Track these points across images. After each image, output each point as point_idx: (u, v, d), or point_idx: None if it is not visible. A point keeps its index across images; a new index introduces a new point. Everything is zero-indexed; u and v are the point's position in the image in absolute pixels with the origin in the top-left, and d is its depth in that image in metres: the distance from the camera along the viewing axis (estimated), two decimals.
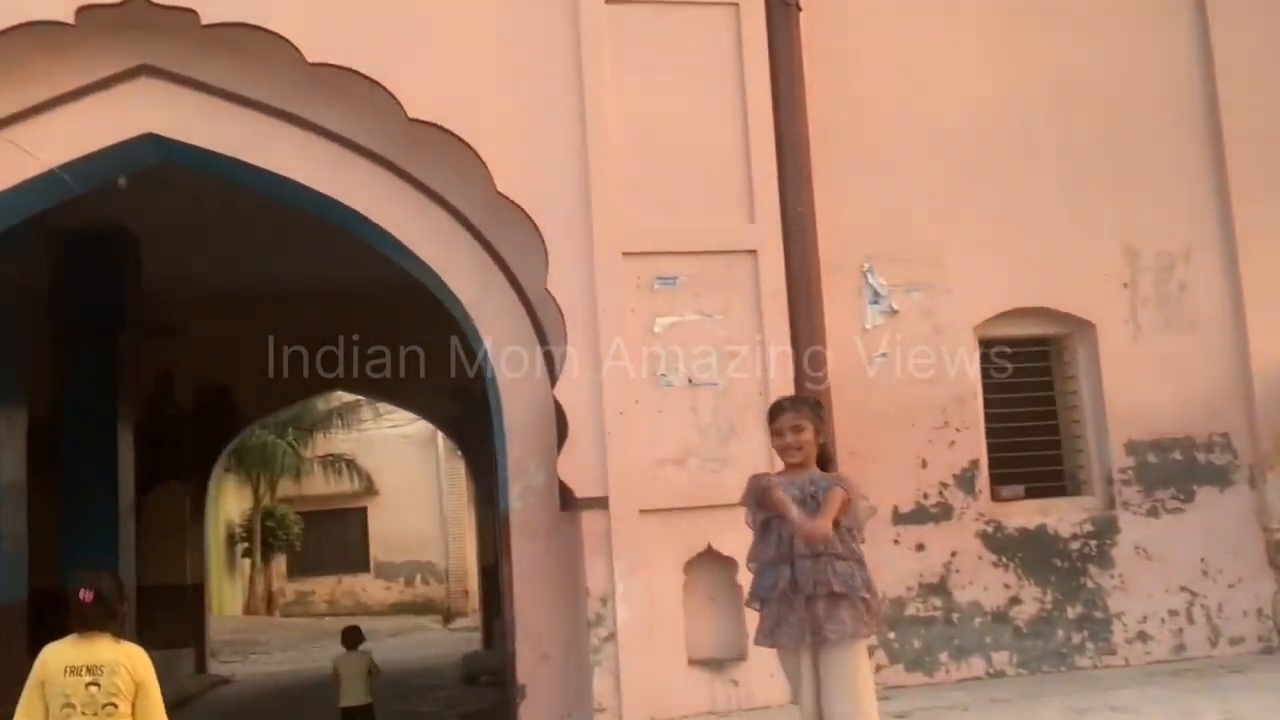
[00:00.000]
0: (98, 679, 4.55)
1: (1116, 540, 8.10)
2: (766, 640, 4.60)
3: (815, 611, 4.45)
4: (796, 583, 4.47)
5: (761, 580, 4.64)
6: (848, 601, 4.48)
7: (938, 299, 7.99)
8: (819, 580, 4.47)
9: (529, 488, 7.24)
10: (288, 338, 15.70)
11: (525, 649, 7.09)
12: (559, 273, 7.07)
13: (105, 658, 4.56)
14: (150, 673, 4.62)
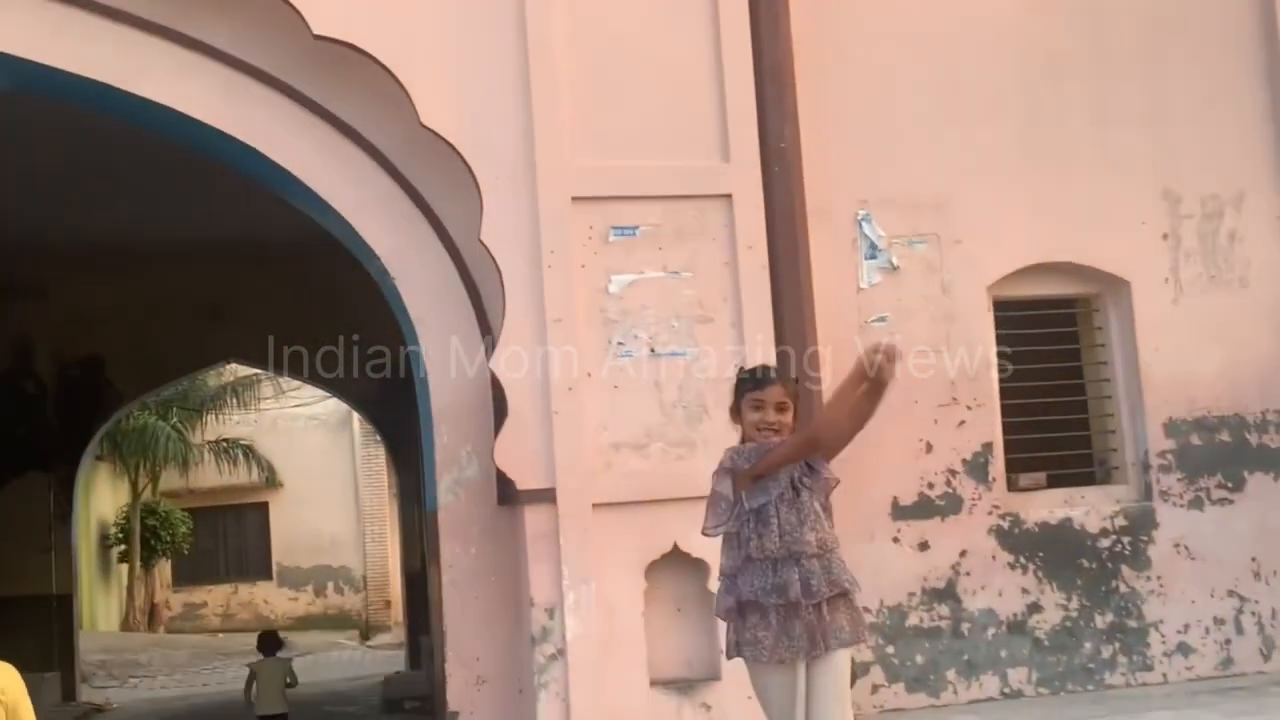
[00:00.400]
0: None
1: (1154, 536, 8.19)
2: (769, 656, 4.43)
3: (823, 616, 4.45)
4: (810, 586, 4.44)
5: (751, 582, 4.48)
6: (846, 601, 4.52)
7: (945, 253, 8.01)
8: (832, 580, 4.49)
9: (461, 479, 7.22)
10: (173, 301, 15.58)
11: (457, 670, 7.09)
12: (496, 221, 7.02)
13: None
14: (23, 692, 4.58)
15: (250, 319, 16.11)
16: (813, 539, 4.49)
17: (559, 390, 6.94)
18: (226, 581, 29.23)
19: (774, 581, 4.46)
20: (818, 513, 4.56)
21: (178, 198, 12.58)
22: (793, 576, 4.44)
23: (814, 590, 4.44)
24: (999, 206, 8.14)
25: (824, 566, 4.49)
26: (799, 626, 4.42)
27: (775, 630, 4.44)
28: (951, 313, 8.01)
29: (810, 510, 4.54)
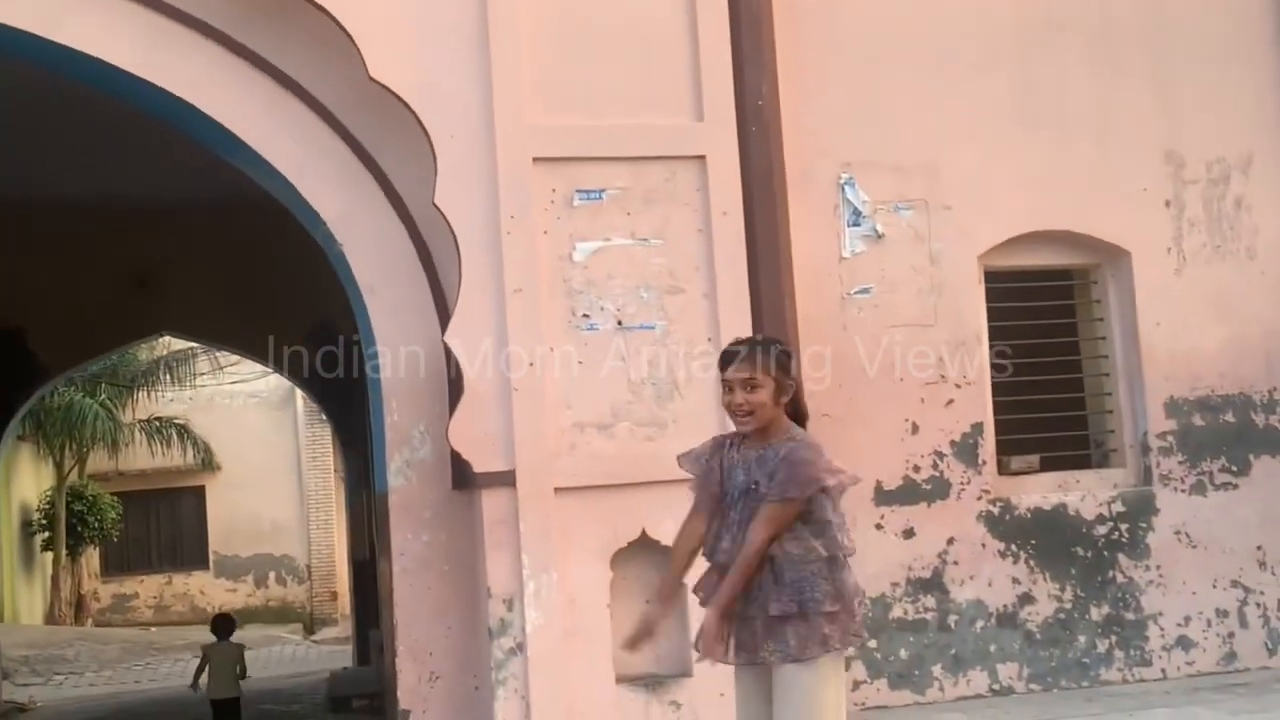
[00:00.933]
0: None
1: (1152, 523, 8.26)
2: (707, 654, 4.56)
3: (752, 629, 4.42)
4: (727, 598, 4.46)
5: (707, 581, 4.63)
6: (797, 620, 4.40)
7: (934, 220, 8.04)
8: (755, 600, 4.42)
9: (413, 461, 7.21)
10: (103, 267, 15.47)
11: (409, 665, 7.08)
12: (451, 184, 6.99)
13: None
14: None
15: (186, 288, 16.02)
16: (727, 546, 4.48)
17: (519, 366, 6.93)
18: (159, 571, 29.13)
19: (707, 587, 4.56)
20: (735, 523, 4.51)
21: (107, 155, 12.47)
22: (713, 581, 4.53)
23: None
24: (991, 171, 8.16)
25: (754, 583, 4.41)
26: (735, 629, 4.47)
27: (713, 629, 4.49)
28: (940, 284, 8.03)
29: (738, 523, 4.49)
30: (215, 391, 28.04)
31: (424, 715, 7.06)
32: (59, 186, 13.63)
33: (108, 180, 13.45)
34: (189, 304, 16.34)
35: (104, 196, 13.94)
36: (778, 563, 4.41)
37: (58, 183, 13.54)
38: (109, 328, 16.67)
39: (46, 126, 11.76)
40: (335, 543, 27.86)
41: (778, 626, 4.37)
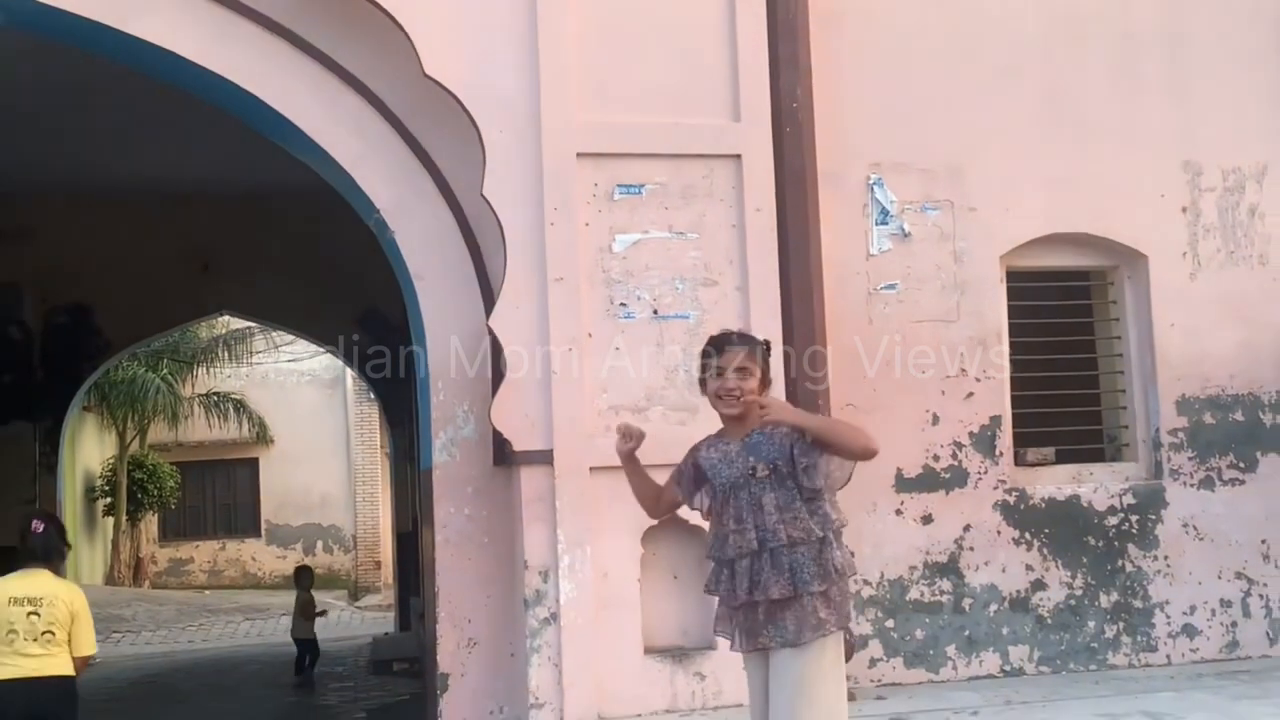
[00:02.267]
0: (38, 609, 6.34)
1: (1162, 516, 8.23)
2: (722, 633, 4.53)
3: (755, 615, 4.32)
4: (733, 589, 4.36)
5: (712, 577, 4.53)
6: (796, 603, 4.28)
7: (959, 220, 8.02)
8: (755, 584, 4.30)
9: (456, 439, 7.25)
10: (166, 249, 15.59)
11: (449, 632, 7.14)
12: (498, 176, 7.03)
13: (45, 591, 6.37)
14: (84, 605, 6.50)
15: (245, 271, 16.14)
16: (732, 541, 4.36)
17: (559, 351, 6.96)
18: (214, 538, 29.37)
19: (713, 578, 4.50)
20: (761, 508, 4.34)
21: (173, 142, 12.58)
22: (723, 575, 4.42)
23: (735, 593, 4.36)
24: (1015, 174, 8.14)
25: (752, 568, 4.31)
26: (724, 613, 4.45)
27: (719, 612, 4.49)
28: (963, 282, 8.02)
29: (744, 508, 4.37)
30: (270, 369, 28.20)
31: (462, 679, 7.12)
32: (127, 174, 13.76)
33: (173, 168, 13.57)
34: (248, 286, 16.47)
35: (169, 183, 14.06)
36: (775, 546, 4.30)
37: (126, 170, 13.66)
38: (171, 306, 16.83)
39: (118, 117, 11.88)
40: (380, 515, 27.98)
41: (778, 611, 4.28)
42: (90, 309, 16.41)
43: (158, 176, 13.91)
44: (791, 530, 4.30)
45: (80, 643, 6.42)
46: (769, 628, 4.28)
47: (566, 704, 6.80)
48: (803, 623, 4.26)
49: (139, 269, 15.62)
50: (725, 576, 4.39)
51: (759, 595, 4.28)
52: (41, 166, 13.35)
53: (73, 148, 12.94)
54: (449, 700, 7.10)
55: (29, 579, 6.41)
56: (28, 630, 6.29)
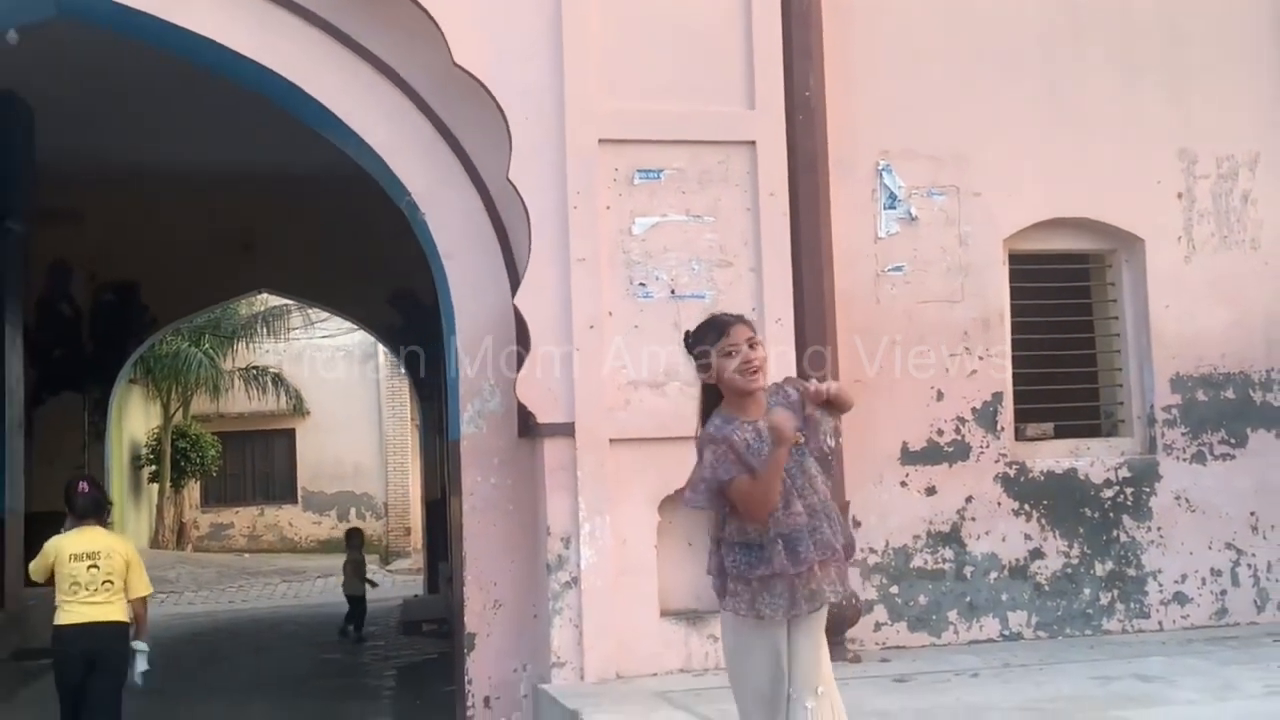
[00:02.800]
0: (97, 562, 7.04)
1: (1155, 489, 8.22)
2: (749, 611, 4.23)
3: (812, 575, 4.21)
4: (798, 554, 4.17)
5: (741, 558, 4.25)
6: (837, 559, 4.28)
7: (964, 205, 8.00)
8: (821, 543, 4.21)
9: (483, 411, 7.28)
10: (207, 228, 15.64)
11: (475, 594, 7.18)
12: (524, 161, 7.04)
13: (102, 545, 7.10)
14: (136, 554, 7.27)
15: (284, 251, 16.19)
16: (802, 510, 4.20)
17: (581, 328, 6.98)
18: (253, 504, 29.49)
19: (757, 556, 4.22)
20: (808, 473, 4.26)
21: (216, 127, 12.60)
22: (777, 548, 4.19)
23: (802, 557, 4.18)
24: (1018, 161, 8.11)
25: (812, 529, 4.21)
26: (780, 586, 4.20)
27: (754, 588, 4.22)
28: (967, 264, 8.00)
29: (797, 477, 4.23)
30: (306, 345, 28.26)
31: (488, 638, 7.16)
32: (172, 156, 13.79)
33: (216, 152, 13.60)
34: (286, 265, 16.54)
35: (212, 167, 14.09)
36: (827, 507, 4.27)
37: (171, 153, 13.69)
38: (213, 284, 16.92)
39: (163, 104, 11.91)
40: (410, 484, 28.07)
41: (827, 569, 4.23)
42: (136, 286, 16.50)
43: (201, 161, 13.95)
44: (811, 501, 4.25)
45: (136, 586, 7.19)
46: (827, 585, 4.22)
47: (586, 663, 6.84)
48: (842, 575, 4.30)
49: (183, 249, 15.69)
50: (780, 549, 4.18)
51: (823, 555, 4.20)
52: (91, 151, 13.39)
53: (121, 133, 12.98)
54: (475, 659, 7.15)
55: (84, 535, 7.12)
56: (89, 581, 7.01)
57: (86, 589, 7.02)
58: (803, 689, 4.22)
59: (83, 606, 7.04)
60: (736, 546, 4.27)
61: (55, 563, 7.12)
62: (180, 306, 17.47)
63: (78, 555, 7.07)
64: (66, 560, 7.07)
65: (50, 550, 7.17)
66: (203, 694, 10.73)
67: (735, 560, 4.27)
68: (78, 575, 7.04)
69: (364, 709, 10.31)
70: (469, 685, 7.14)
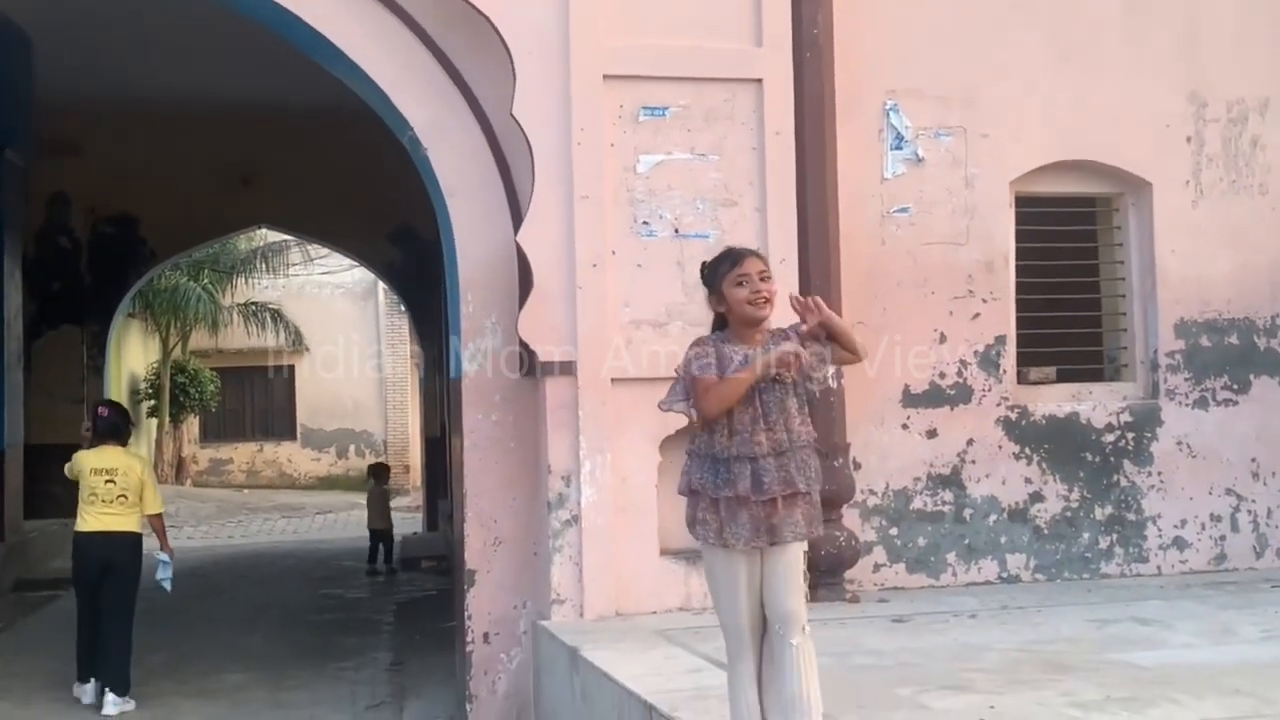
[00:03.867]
0: (114, 478, 7.96)
1: (1157, 434, 8.24)
2: (716, 539, 4.29)
3: (774, 510, 4.25)
4: (762, 483, 4.24)
5: (709, 476, 4.32)
6: (804, 499, 4.31)
7: (971, 146, 7.96)
8: (785, 479, 4.26)
9: (484, 349, 7.26)
10: (208, 163, 15.58)
11: (476, 531, 7.21)
12: (528, 96, 6.98)
13: (119, 463, 8.03)
14: (150, 473, 8.21)
15: (283, 186, 16.13)
16: (764, 440, 4.24)
17: (583, 266, 6.96)
18: (252, 440, 29.56)
19: (723, 476, 4.28)
20: (786, 410, 4.29)
21: (215, 58, 12.52)
22: (743, 472, 4.25)
23: (765, 487, 4.23)
24: (1026, 103, 8.06)
25: (779, 465, 4.25)
26: (744, 516, 4.25)
27: (722, 516, 4.27)
28: (973, 206, 7.97)
29: (772, 409, 4.28)
30: (306, 281, 28.23)
31: (488, 575, 7.19)
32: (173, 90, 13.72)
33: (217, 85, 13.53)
34: (285, 200, 16.49)
35: (213, 100, 14.02)
36: (800, 445, 4.30)
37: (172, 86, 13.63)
38: (212, 219, 16.87)
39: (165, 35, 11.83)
40: (409, 421, 28.14)
41: (792, 507, 4.26)
42: (135, 220, 16.46)
43: (202, 93, 13.87)
44: (806, 433, 4.33)
45: (149, 504, 8.10)
46: (787, 522, 4.26)
47: (586, 600, 6.88)
48: (810, 518, 4.31)
49: (182, 182, 15.64)
50: (745, 473, 4.26)
51: (785, 490, 4.25)
52: (90, 82, 13.32)
53: (120, 64, 12.90)
54: (475, 595, 7.18)
55: (104, 454, 8.07)
56: (105, 494, 7.94)
57: (103, 501, 7.95)
58: (788, 625, 4.23)
59: (100, 516, 7.97)
60: (705, 460, 4.34)
61: (79, 474, 8.09)
62: (179, 241, 17.42)
63: (97, 470, 8.00)
64: (87, 474, 8.01)
65: (76, 461, 8.18)
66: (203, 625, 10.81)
67: (703, 477, 4.34)
68: (96, 488, 7.98)
69: (362, 643, 10.38)
70: (469, 621, 7.18)
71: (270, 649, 10.06)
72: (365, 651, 10.04)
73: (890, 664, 5.79)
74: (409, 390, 28.24)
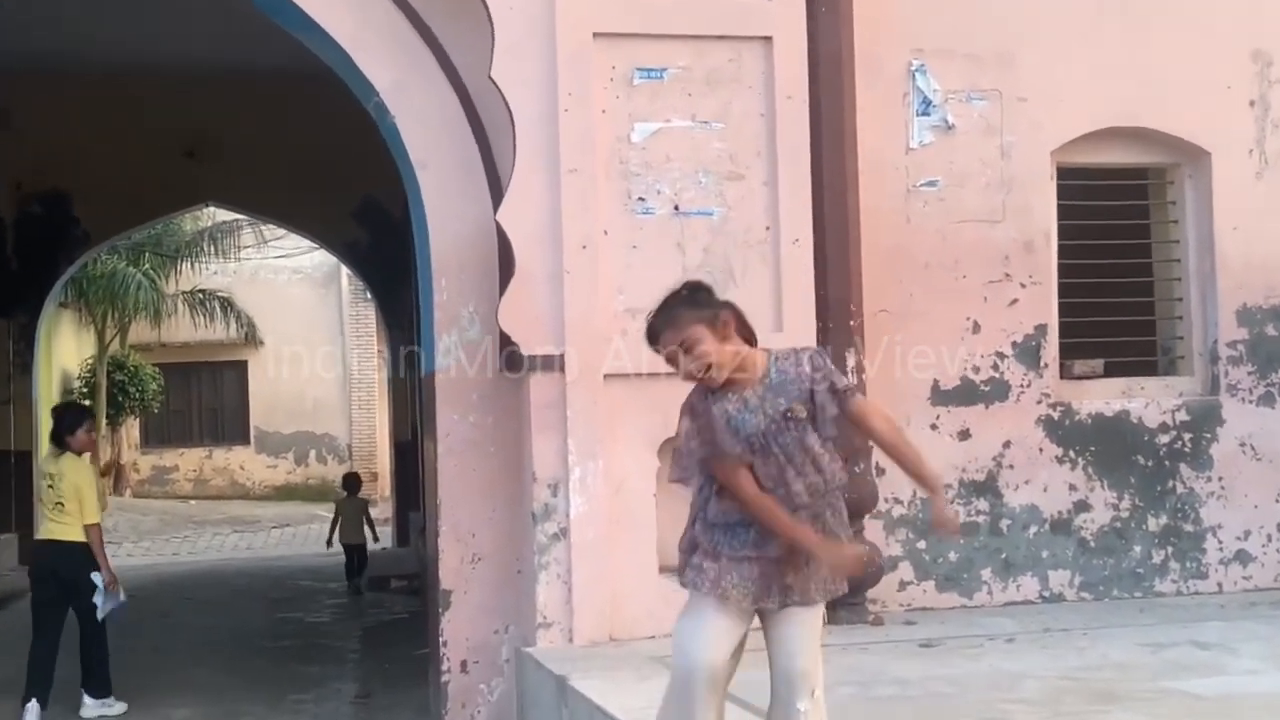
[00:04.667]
0: (54, 483, 8.39)
1: (1217, 434, 8.24)
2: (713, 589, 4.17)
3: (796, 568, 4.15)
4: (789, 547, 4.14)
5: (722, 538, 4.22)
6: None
7: (1008, 112, 7.96)
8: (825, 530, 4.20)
9: (461, 341, 7.26)
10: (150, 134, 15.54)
11: (451, 546, 7.20)
12: (508, 57, 6.96)
13: (59, 469, 8.44)
14: (87, 481, 8.45)
15: (234, 158, 16.09)
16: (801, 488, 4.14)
17: (572, 248, 6.94)
18: (200, 445, 29.52)
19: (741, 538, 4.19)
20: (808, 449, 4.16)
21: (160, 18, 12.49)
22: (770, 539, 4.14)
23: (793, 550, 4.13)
24: (1069, 63, 8.06)
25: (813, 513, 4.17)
26: (755, 570, 4.15)
27: (723, 564, 4.18)
28: (1009, 179, 7.97)
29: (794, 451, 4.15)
30: (259, 265, 28.21)
31: (465, 595, 7.19)
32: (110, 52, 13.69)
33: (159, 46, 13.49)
34: (236, 174, 16.44)
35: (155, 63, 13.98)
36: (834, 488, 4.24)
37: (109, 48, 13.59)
38: (155, 196, 16.81)
39: None
40: (377, 424, 28.14)
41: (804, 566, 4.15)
42: (67, 197, 16.40)
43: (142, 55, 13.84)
44: (837, 471, 4.22)
45: (84, 512, 8.37)
46: (815, 580, 4.17)
47: (576, 624, 6.87)
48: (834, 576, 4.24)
49: (120, 155, 15.57)
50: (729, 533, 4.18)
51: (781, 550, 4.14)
52: (16, 42, 13.26)
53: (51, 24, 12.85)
54: (451, 618, 7.18)
55: (52, 458, 8.66)
56: (48, 500, 8.44)
57: (47, 507, 8.49)
58: (796, 688, 4.18)
59: (46, 523, 8.59)
60: (718, 528, 4.23)
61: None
62: (117, 221, 17.37)
63: (43, 474, 8.72)
64: (39, 477, 9.15)
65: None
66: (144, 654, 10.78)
67: (716, 540, 4.23)
68: (41, 493, 8.71)
69: (325, 672, 10.36)
70: (444, 648, 7.17)
71: (220, 680, 10.04)
72: (327, 682, 10.02)
73: (917, 694, 5.79)
74: (376, 388, 28.23)
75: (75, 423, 8.72)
